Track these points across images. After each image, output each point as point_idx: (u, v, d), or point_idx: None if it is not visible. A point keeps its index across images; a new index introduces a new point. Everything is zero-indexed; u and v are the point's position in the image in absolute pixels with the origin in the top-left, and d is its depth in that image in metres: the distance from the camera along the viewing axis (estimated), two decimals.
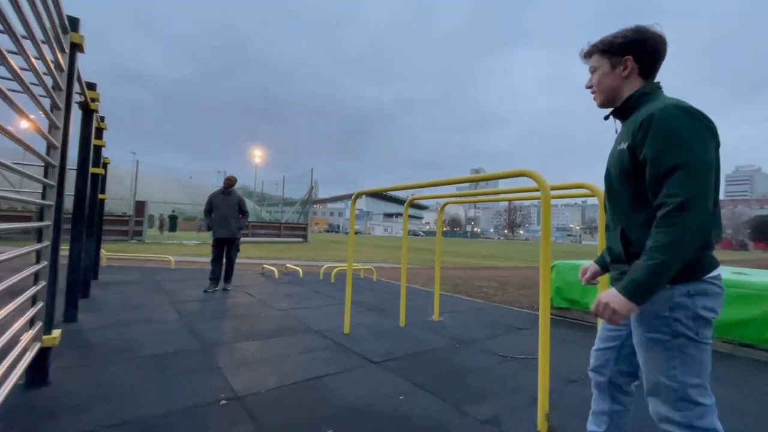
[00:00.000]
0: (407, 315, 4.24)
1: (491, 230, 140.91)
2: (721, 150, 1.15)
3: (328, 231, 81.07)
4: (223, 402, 2.04)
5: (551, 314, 4.79)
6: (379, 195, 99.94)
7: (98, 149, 4.74)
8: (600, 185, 2.35)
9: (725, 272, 3.80)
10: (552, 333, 3.91)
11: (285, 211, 28.46)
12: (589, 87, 1.35)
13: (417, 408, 2.07)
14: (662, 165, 1.07)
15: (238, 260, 9.53)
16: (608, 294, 1.09)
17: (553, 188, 2.65)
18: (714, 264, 1.14)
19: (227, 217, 5.53)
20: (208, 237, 19.64)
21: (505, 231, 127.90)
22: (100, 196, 5.29)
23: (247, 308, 4.34)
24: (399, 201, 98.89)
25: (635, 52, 1.23)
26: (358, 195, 3.51)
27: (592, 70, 1.33)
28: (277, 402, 2.07)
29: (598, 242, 2.45)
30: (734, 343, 3.32)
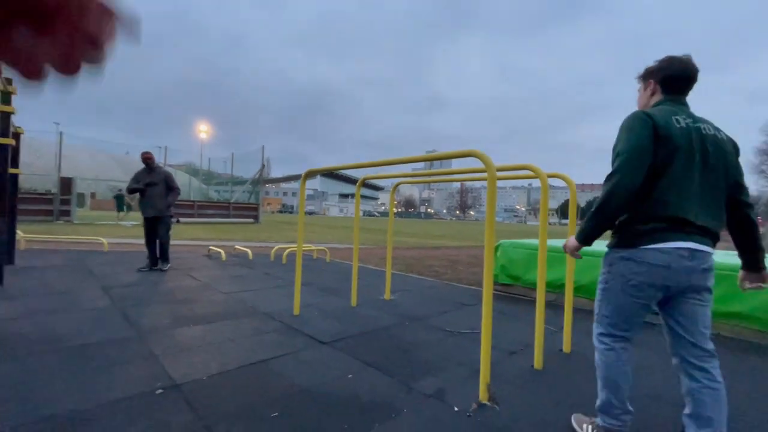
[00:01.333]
0: (359, 295, 4.25)
1: (444, 211, 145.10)
2: None
3: (281, 211, 78.92)
4: (159, 391, 1.92)
5: (496, 290, 5.07)
6: (334, 175, 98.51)
7: (6, 116, 4.15)
8: (544, 168, 2.44)
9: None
10: (496, 308, 4.14)
11: (234, 190, 27.19)
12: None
13: (365, 386, 2.09)
14: (613, 152, 1.47)
15: (181, 242, 9.06)
16: (570, 237, 1.64)
17: (500, 169, 2.72)
18: (655, 239, 1.39)
19: (153, 195, 5.23)
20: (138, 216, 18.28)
21: (457, 212, 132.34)
22: (12, 171, 4.67)
23: (190, 292, 4.11)
24: (354, 181, 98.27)
25: (657, 76, 1.58)
26: (309, 173, 3.39)
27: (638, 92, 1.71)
28: (219, 388, 1.99)
29: (539, 223, 2.56)
30: None
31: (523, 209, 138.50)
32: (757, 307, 3.18)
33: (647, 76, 1.62)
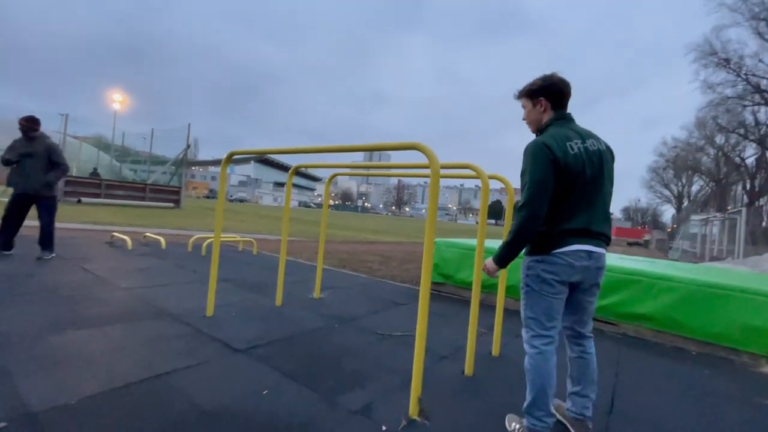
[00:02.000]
0: (286, 293, 3.91)
1: (381, 206, 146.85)
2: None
3: (208, 197, 73.40)
4: (2, 425, 1.46)
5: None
6: (269, 162, 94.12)
7: None
8: (483, 168, 2.35)
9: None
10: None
11: (154, 170, 24.50)
12: (524, 119, 1.88)
13: (282, 404, 1.82)
14: (521, 179, 1.67)
15: (79, 226, 7.92)
16: (488, 259, 1.78)
17: (441, 167, 2.60)
18: (564, 243, 1.62)
19: (28, 168, 4.40)
20: None
21: (393, 207, 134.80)
22: None
23: (78, 287, 3.44)
24: (297, 173, 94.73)
25: (545, 93, 1.76)
26: (231, 155, 2.98)
27: (523, 107, 1.86)
28: (92, 415, 1.58)
29: (478, 222, 2.49)
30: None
31: (454, 208, 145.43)
32: (657, 309, 3.49)
33: (534, 93, 1.78)
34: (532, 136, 1.79)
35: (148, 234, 6.68)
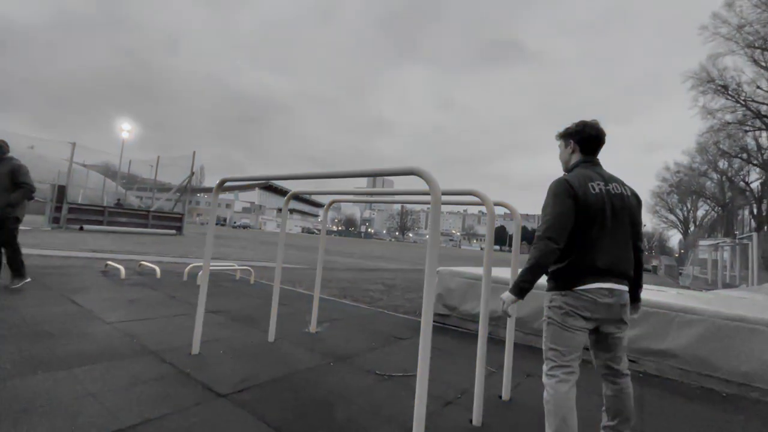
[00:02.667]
0: (281, 326, 3.68)
1: (384, 232, 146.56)
2: (553, 178, 1.83)
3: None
4: None
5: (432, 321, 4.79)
6: (273, 188, 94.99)
7: None
8: (487, 194, 2.20)
9: None
10: (432, 341, 3.83)
11: (159, 197, 24.65)
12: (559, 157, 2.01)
13: None
14: (543, 212, 1.78)
15: (77, 254, 7.83)
16: (505, 293, 1.79)
17: (444, 193, 2.44)
18: (587, 281, 1.68)
19: None
20: (31, 222, 15.61)
21: (397, 233, 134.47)
22: None
23: (60, 322, 3.24)
24: (298, 198, 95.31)
25: (576, 138, 1.89)
26: (223, 182, 2.85)
27: (558, 147, 2.00)
28: None
29: (483, 248, 2.31)
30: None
31: (458, 234, 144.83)
32: (679, 345, 3.23)
33: (567, 136, 1.93)
34: (535, 164, 1.97)
35: (143, 262, 6.51)
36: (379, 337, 3.79)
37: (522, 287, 1.72)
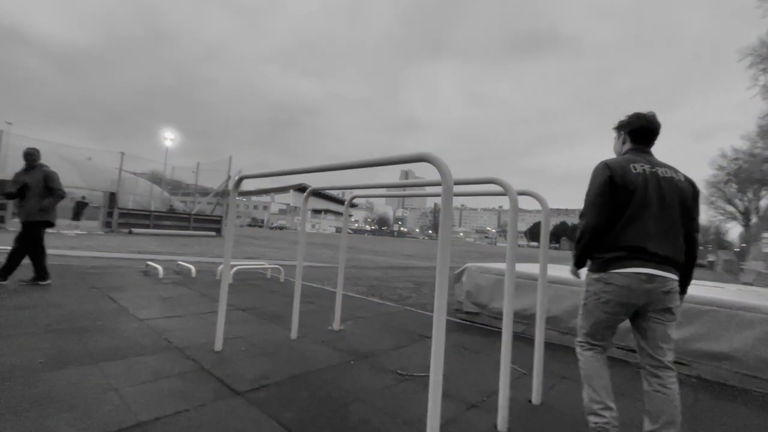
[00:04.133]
0: (305, 323, 3.67)
1: (417, 230, 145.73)
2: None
3: (251, 225, 76.64)
4: None
5: (460, 319, 4.61)
6: (306, 190, 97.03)
7: None
8: (515, 187, 2.03)
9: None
10: (458, 341, 3.66)
11: (200, 201, 25.88)
12: None
13: None
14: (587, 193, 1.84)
15: (124, 255, 8.24)
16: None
17: (463, 182, 2.30)
18: (618, 265, 1.69)
19: (28, 197, 4.54)
20: (87, 227, 16.82)
21: (430, 231, 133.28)
22: None
23: (96, 318, 3.39)
24: (328, 197, 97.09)
25: (627, 129, 1.92)
26: (241, 180, 2.85)
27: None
28: None
29: (508, 242, 2.14)
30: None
31: (493, 231, 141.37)
32: (739, 347, 2.87)
33: (620, 128, 1.97)
34: (573, 156, 2.03)
35: (180, 262, 6.78)
36: (404, 335, 3.68)
37: (576, 260, 1.90)
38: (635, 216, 1.68)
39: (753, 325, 2.85)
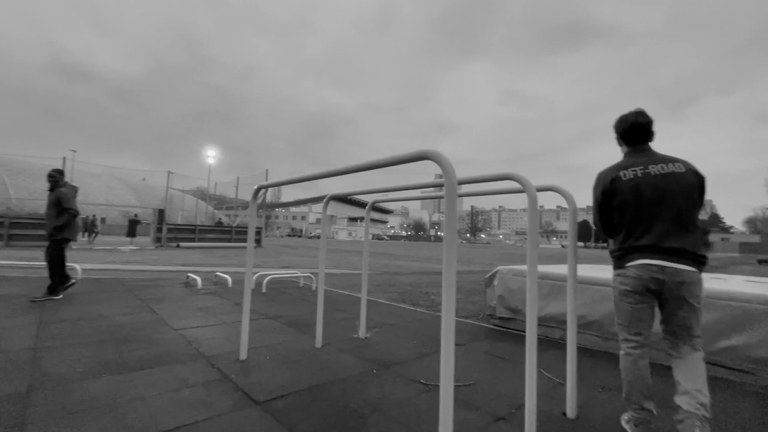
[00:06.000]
0: (331, 331, 3.67)
1: None
2: None
3: (290, 235, 79.01)
4: None
5: (493, 325, 4.39)
6: (343, 199, 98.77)
7: None
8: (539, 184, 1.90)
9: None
10: (489, 348, 3.49)
11: (239, 214, 27.08)
12: None
13: None
14: None
15: (169, 268, 8.67)
16: None
17: (477, 180, 2.19)
18: (632, 258, 1.86)
19: (47, 216, 4.88)
20: (141, 243, 17.99)
21: (468, 235, 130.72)
22: None
23: (135, 329, 3.57)
24: (364, 205, 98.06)
25: (618, 134, 2.08)
26: (258, 190, 2.89)
27: None
28: None
29: (528, 241, 1.99)
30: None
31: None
32: None
33: (615, 133, 2.10)
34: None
35: (218, 273, 7.05)
36: (431, 342, 3.56)
37: (605, 234, 2.11)
38: (636, 216, 1.87)
39: None
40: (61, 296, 4.84)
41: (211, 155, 30.92)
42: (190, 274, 6.83)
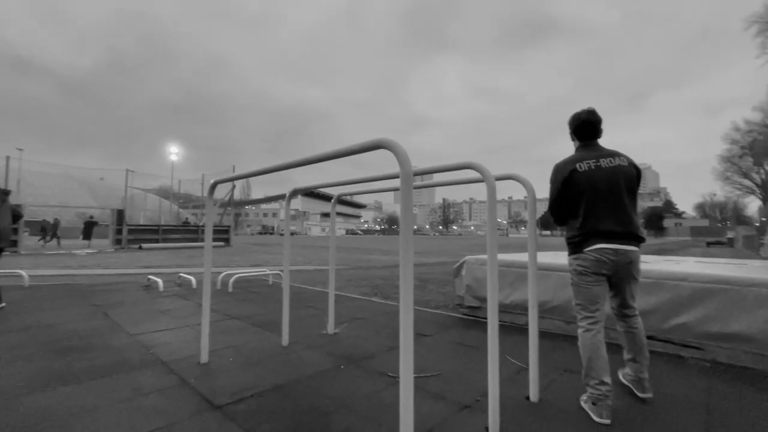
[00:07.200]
0: (300, 329, 3.60)
1: (427, 226, 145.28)
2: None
3: (261, 233, 77.27)
4: None
5: (462, 314, 4.45)
6: (315, 194, 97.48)
7: None
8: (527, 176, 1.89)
9: None
10: (457, 337, 3.52)
11: (204, 213, 26.09)
12: None
13: None
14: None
15: (129, 271, 8.34)
16: None
17: (436, 170, 2.17)
18: (591, 243, 2.06)
19: None
20: (106, 245, 17.06)
21: (440, 227, 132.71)
22: None
23: (87, 336, 3.34)
24: (339, 201, 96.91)
25: (571, 130, 2.28)
26: (214, 186, 2.76)
27: None
28: None
29: (488, 229, 2.00)
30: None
31: (505, 222, 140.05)
32: (754, 326, 2.67)
33: (569, 128, 2.28)
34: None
35: (182, 274, 6.77)
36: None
37: (543, 221, 2.38)
38: (591, 205, 2.06)
39: None
40: (3, 304, 4.48)
41: (175, 152, 29.57)
42: (150, 276, 6.51)
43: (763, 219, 36.17)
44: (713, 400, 2.18)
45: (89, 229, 18.73)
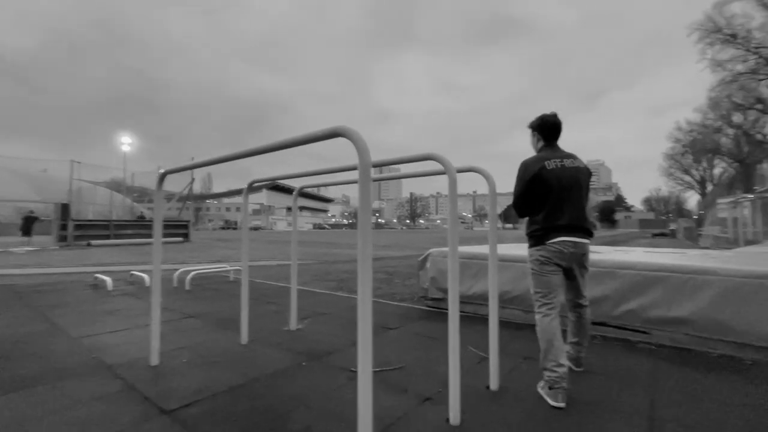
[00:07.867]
0: (261, 326, 3.47)
1: (395, 220, 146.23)
2: (570, 148, 2.36)
3: (224, 228, 74.51)
4: None
5: (427, 306, 4.49)
6: (280, 188, 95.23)
7: None
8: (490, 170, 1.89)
9: None
10: (421, 329, 3.53)
11: (169, 207, 24.84)
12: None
13: None
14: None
15: (74, 269, 7.90)
16: None
17: (397, 162, 2.14)
18: (554, 236, 2.20)
19: None
20: (49, 242, 15.81)
21: (407, 221, 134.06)
22: None
23: (20, 342, 3.05)
24: (305, 195, 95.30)
25: (538, 130, 2.39)
26: (164, 176, 2.58)
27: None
28: None
29: (449, 222, 2.00)
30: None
31: (469, 216, 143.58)
32: (694, 311, 2.87)
33: (533, 129, 2.41)
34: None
35: (134, 272, 6.36)
36: None
37: (507, 215, 2.64)
38: (555, 201, 2.19)
39: (706, 286, 2.86)
40: None
41: (127, 142, 27.74)
42: (98, 275, 6.07)
43: (701, 212, 39.42)
44: (658, 379, 2.32)
45: (29, 224, 17.22)
